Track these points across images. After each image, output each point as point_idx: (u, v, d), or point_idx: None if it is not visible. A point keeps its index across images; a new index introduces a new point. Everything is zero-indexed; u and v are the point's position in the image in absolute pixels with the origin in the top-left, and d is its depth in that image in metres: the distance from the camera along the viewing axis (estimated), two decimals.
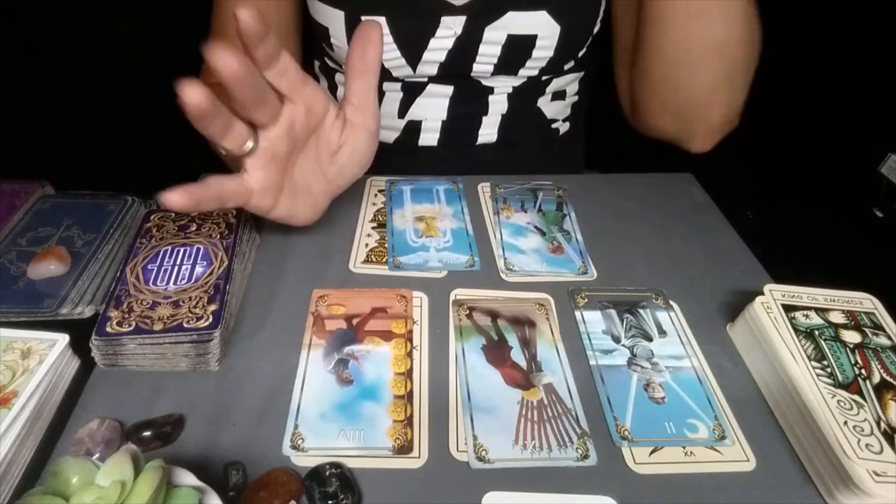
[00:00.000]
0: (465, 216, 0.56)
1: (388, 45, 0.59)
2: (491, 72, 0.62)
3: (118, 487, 0.26)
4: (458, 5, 0.57)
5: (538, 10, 0.57)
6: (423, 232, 0.54)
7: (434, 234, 0.54)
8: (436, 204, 0.58)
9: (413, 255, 0.52)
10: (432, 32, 0.58)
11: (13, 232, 0.50)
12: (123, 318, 0.40)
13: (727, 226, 0.58)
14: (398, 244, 0.53)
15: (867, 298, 0.44)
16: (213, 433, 0.37)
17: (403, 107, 0.66)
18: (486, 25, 0.58)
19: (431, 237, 0.54)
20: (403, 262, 0.51)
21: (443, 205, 0.58)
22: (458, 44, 0.59)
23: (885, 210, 0.74)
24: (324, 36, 0.62)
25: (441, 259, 0.51)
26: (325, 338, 0.43)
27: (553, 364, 0.42)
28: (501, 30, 0.58)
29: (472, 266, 0.51)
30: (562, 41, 0.60)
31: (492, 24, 0.58)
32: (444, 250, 0.52)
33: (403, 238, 0.53)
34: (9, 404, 0.35)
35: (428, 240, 0.53)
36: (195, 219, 0.49)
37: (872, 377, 0.38)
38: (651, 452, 0.37)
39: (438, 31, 0.58)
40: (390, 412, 0.38)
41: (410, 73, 0.62)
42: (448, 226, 0.55)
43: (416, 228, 0.55)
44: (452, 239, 0.53)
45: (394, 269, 0.50)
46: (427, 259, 0.51)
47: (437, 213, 0.57)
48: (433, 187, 0.60)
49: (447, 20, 0.58)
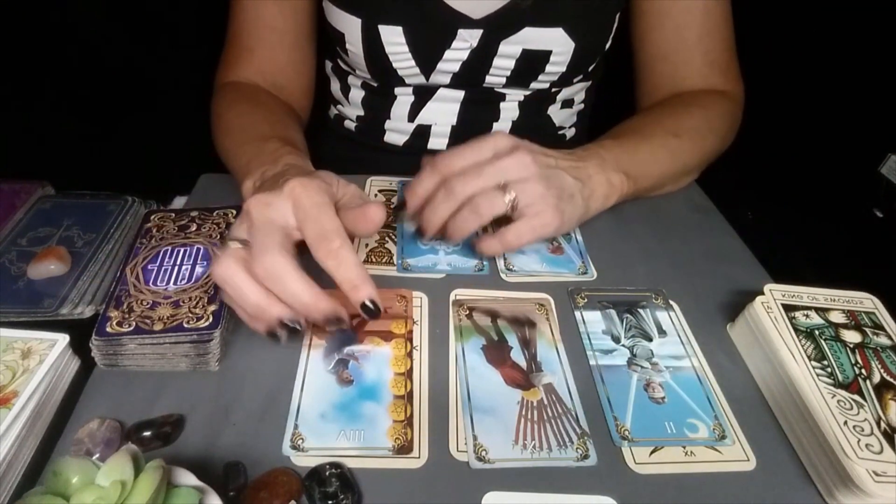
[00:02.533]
0: None
1: (403, 53, 0.60)
2: (503, 84, 0.63)
3: (118, 487, 0.26)
4: (476, 18, 0.58)
5: (555, 26, 0.58)
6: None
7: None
8: None
9: (422, 257, 0.51)
10: (448, 44, 0.59)
11: (13, 232, 0.50)
12: (123, 318, 0.40)
13: (727, 226, 0.58)
14: (408, 246, 0.53)
15: (867, 298, 0.44)
16: (213, 433, 0.37)
17: (414, 110, 0.66)
18: (501, 39, 0.58)
19: (442, 240, 0.53)
20: (412, 265, 0.51)
21: None
22: (472, 56, 0.60)
23: (885, 210, 0.74)
24: (339, 41, 0.62)
25: (450, 263, 0.51)
26: (326, 338, 0.43)
27: (553, 364, 0.42)
28: (517, 44, 0.59)
29: (480, 270, 0.51)
30: (575, 57, 0.60)
31: (508, 39, 0.58)
32: (452, 254, 0.52)
33: (413, 240, 0.53)
34: (9, 404, 0.35)
35: (438, 243, 0.53)
36: (195, 219, 0.49)
37: (872, 377, 0.38)
38: (651, 452, 0.37)
39: (454, 42, 0.59)
40: (390, 412, 0.38)
41: (423, 80, 0.63)
42: None
43: None
44: (462, 243, 0.53)
45: (402, 272, 0.50)
46: (436, 262, 0.51)
47: None
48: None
49: (463, 33, 0.58)
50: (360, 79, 0.67)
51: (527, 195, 0.45)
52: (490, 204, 0.45)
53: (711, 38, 0.61)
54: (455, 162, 0.46)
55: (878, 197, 0.74)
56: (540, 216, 0.45)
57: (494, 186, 0.45)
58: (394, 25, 0.57)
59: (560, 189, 0.46)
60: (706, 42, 0.61)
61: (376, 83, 0.65)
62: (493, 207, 0.45)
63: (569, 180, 0.47)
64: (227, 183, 0.60)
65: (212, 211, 0.50)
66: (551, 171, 0.46)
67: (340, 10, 0.59)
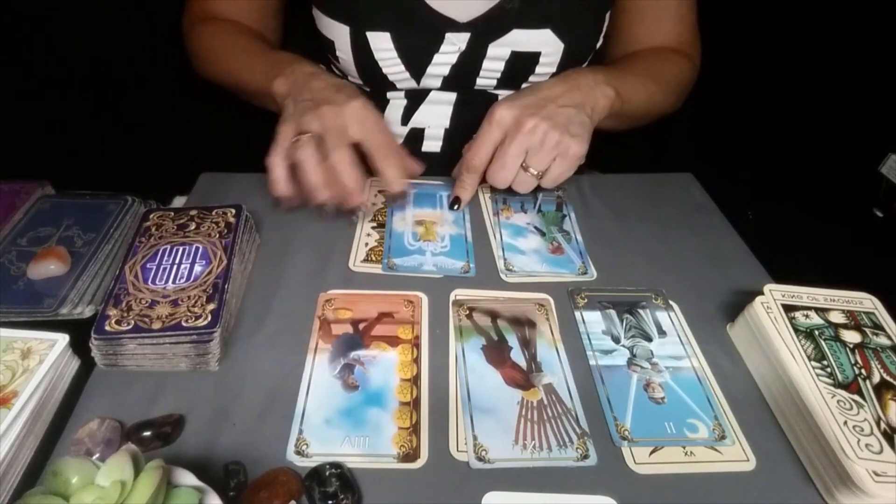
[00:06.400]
0: (466, 223, 0.56)
1: (392, 58, 0.60)
2: (494, 85, 0.63)
3: (118, 487, 0.26)
4: (463, 22, 0.58)
5: (542, 28, 0.58)
6: (422, 236, 0.54)
7: (432, 239, 0.54)
8: (437, 209, 0.58)
9: (409, 257, 0.51)
10: (436, 48, 0.59)
11: (13, 232, 0.50)
12: (122, 316, 0.40)
13: (727, 226, 0.58)
14: (395, 246, 0.53)
15: (867, 298, 0.44)
16: (213, 433, 0.37)
17: (407, 114, 0.66)
18: (489, 42, 0.59)
19: (429, 241, 0.53)
20: (398, 264, 0.50)
21: (444, 211, 0.58)
22: (461, 59, 0.60)
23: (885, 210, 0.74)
24: (329, 48, 0.62)
25: (436, 263, 0.51)
26: (331, 342, 0.43)
27: (553, 364, 0.42)
28: (505, 46, 0.59)
29: (467, 272, 0.50)
30: (565, 57, 0.61)
31: (496, 42, 0.59)
32: (440, 255, 0.52)
33: (401, 240, 0.53)
34: (9, 404, 0.35)
35: (425, 244, 0.53)
36: (194, 218, 0.49)
37: (872, 377, 0.38)
38: (651, 452, 0.37)
39: (442, 46, 0.59)
40: (395, 419, 0.38)
41: (414, 85, 0.63)
42: (447, 231, 0.55)
43: (414, 232, 0.54)
44: (450, 245, 0.53)
45: (387, 270, 0.50)
46: (422, 262, 0.51)
47: (437, 219, 0.56)
48: (437, 193, 0.60)
49: (451, 36, 0.58)
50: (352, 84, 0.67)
51: (546, 155, 0.52)
52: (525, 186, 0.54)
53: (683, 24, 0.66)
54: (481, 156, 0.53)
55: (878, 197, 0.74)
56: (566, 156, 0.52)
57: (521, 167, 0.52)
58: (381, 32, 0.58)
59: (568, 122, 0.52)
60: (679, 28, 0.66)
61: (368, 88, 0.66)
62: (528, 187, 0.54)
63: (570, 112, 0.53)
64: (227, 182, 0.60)
65: (210, 210, 0.50)
66: (553, 112, 0.52)
67: (329, 18, 0.59)
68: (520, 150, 0.52)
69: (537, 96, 0.53)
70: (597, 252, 0.53)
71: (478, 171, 0.54)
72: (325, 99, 0.51)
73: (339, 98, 0.51)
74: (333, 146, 0.49)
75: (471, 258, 0.52)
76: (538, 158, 0.52)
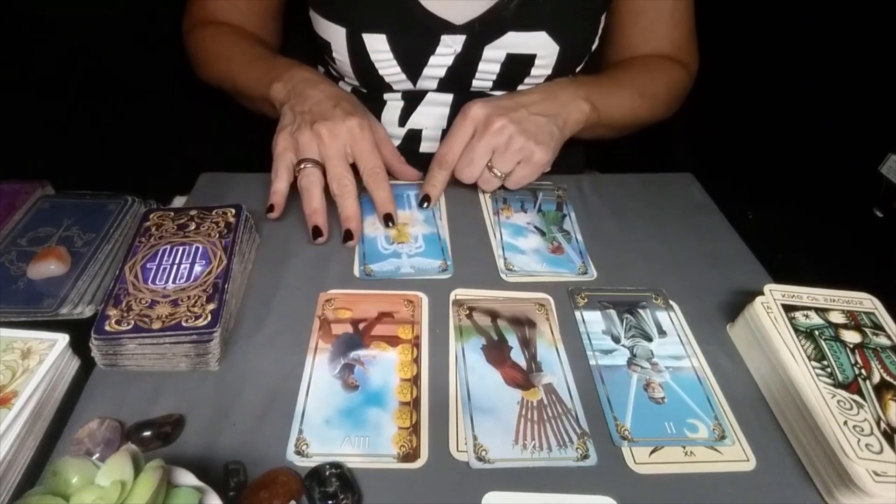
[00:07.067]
0: (437, 221, 0.55)
1: (388, 60, 0.60)
2: (490, 87, 0.64)
3: (118, 487, 0.26)
4: (459, 24, 0.58)
5: (538, 30, 0.58)
6: (395, 238, 0.53)
7: (406, 241, 0.53)
8: (407, 210, 0.57)
9: (385, 262, 0.50)
10: (432, 50, 0.59)
11: (13, 232, 0.50)
12: (122, 316, 0.40)
13: (727, 226, 0.58)
14: (369, 252, 0.51)
15: (867, 298, 0.44)
16: (213, 433, 0.37)
17: (404, 115, 0.66)
18: (485, 44, 0.59)
19: (403, 243, 0.53)
20: (375, 271, 0.50)
21: (414, 210, 0.57)
22: (457, 61, 0.60)
23: (885, 210, 0.74)
24: (326, 49, 0.62)
25: (413, 265, 0.50)
26: (331, 342, 0.43)
27: (553, 364, 0.42)
28: (501, 49, 0.59)
29: (444, 270, 0.50)
30: (560, 60, 0.61)
31: (492, 44, 0.59)
32: (415, 256, 0.51)
33: (374, 245, 0.52)
34: (9, 404, 0.35)
35: (399, 246, 0.52)
36: (194, 218, 0.49)
37: (872, 377, 0.38)
38: (651, 452, 0.37)
39: (438, 48, 0.59)
40: (395, 419, 0.38)
41: (411, 86, 0.63)
42: (420, 231, 0.54)
43: (387, 235, 0.53)
44: (424, 244, 0.52)
45: (364, 277, 0.49)
46: (399, 266, 0.50)
47: (408, 219, 0.55)
48: (404, 193, 0.59)
49: (447, 38, 0.59)
50: (349, 85, 0.67)
51: (510, 158, 0.54)
52: (489, 186, 0.57)
53: (679, 29, 0.66)
54: (454, 151, 0.55)
55: (878, 197, 0.74)
56: (529, 162, 0.54)
57: (486, 167, 0.55)
58: (377, 34, 0.58)
59: (537, 130, 0.54)
60: (674, 33, 0.66)
61: (365, 90, 0.66)
62: (492, 186, 0.57)
63: (541, 120, 0.54)
64: (227, 182, 0.60)
65: (210, 210, 0.50)
66: (523, 117, 0.54)
67: (326, 20, 0.59)
68: (486, 149, 0.53)
69: (513, 100, 0.55)
70: (597, 252, 0.53)
71: (449, 166, 0.55)
72: (321, 114, 0.52)
73: (336, 114, 0.52)
74: (332, 177, 0.51)
75: (447, 256, 0.51)
76: (503, 160, 0.54)
